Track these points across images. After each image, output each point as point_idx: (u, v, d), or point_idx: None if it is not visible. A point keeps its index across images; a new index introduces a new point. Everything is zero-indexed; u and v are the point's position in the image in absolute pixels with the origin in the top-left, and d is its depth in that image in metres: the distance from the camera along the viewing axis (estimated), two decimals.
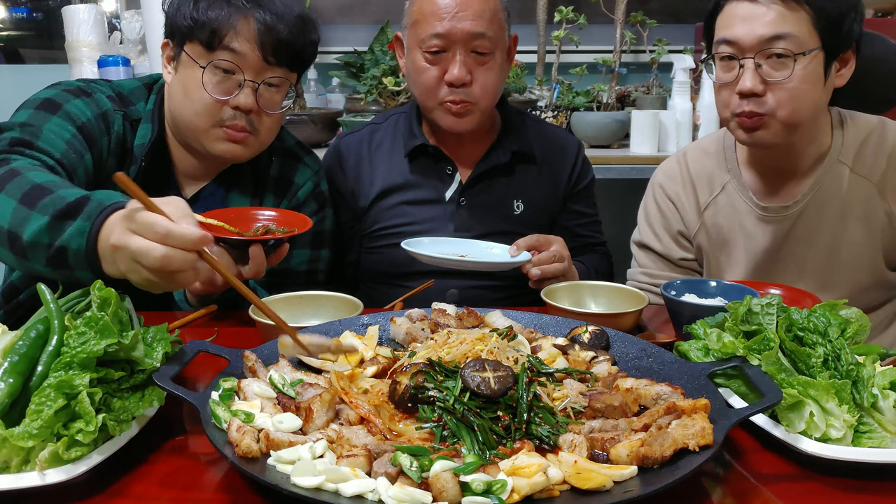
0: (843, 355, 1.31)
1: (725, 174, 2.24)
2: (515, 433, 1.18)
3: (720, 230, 2.25)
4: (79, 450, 1.10)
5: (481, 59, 2.20)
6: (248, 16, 1.92)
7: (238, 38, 1.92)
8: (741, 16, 1.94)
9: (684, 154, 2.37)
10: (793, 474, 1.20)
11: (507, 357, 1.36)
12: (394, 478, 1.06)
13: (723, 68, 2.01)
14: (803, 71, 1.91)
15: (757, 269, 2.20)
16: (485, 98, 2.24)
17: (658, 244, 2.35)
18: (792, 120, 1.95)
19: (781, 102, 1.93)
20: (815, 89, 1.95)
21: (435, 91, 2.23)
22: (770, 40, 1.90)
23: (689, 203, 2.29)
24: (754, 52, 1.92)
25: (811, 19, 1.90)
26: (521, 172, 2.43)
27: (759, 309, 1.43)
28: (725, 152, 2.26)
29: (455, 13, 2.14)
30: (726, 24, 1.97)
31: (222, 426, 1.16)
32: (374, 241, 2.40)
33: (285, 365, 1.40)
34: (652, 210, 2.39)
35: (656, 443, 1.12)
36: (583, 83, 4.00)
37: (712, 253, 2.28)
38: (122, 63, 3.77)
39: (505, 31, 2.25)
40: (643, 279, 2.36)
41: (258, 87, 1.97)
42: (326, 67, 4.48)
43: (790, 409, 1.23)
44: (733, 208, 2.22)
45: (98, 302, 1.27)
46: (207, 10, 1.91)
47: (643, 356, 1.50)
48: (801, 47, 1.89)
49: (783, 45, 1.89)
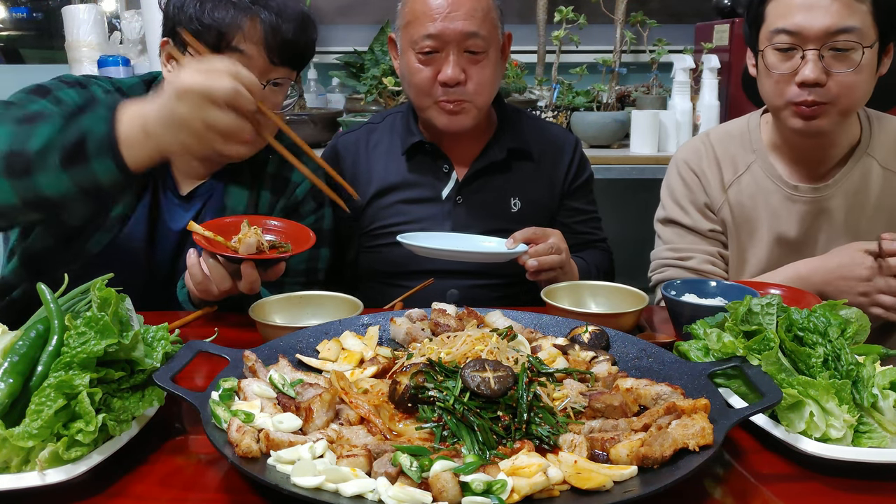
0: (844, 355, 1.31)
1: (751, 154, 2.24)
2: (515, 433, 1.17)
3: (744, 208, 2.24)
4: (79, 450, 1.10)
5: (475, 57, 2.20)
6: (253, 17, 1.92)
7: (245, 40, 1.91)
8: (802, 4, 1.93)
9: (707, 135, 2.36)
10: (793, 474, 1.20)
11: (507, 357, 1.36)
12: (394, 478, 1.06)
13: (780, 58, 1.99)
14: (866, 63, 1.92)
15: (780, 249, 2.20)
16: (480, 96, 2.24)
17: (686, 217, 2.33)
18: (850, 108, 1.98)
19: (843, 92, 1.94)
20: (871, 80, 1.98)
21: (429, 91, 2.23)
22: (836, 33, 1.90)
23: (714, 178, 2.28)
24: (818, 44, 1.91)
25: (872, 11, 1.91)
26: (518, 170, 2.43)
27: (759, 309, 1.42)
28: (751, 134, 2.26)
29: (447, 13, 2.14)
30: (784, 12, 1.96)
31: (222, 426, 1.16)
32: (371, 239, 2.41)
33: (285, 365, 1.40)
34: (676, 185, 2.36)
35: (656, 443, 1.11)
36: (583, 83, 4.00)
37: (736, 230, 2.28)
38: (122, 63, 3.77)
39: (498, 30, 2.25)
40: (668, 255, 2.32)
41: (263, 87, 1.97)
42: (326, 67, 4.48)
43: (790, 409, 1.23)
44: (758, 187, 2.22)
45: (98, 302, 1.27)
46: (213, 10, 1.90)
47: (643, 356, 1.50)
48: (866, 40, 1.91)
49: (850, 38, 1.90)
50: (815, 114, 1.98)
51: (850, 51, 1.91)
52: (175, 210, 2.12)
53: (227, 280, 1.82)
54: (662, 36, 3.95)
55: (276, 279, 1.89)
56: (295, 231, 2.00)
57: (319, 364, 1.48)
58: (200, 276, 1.83)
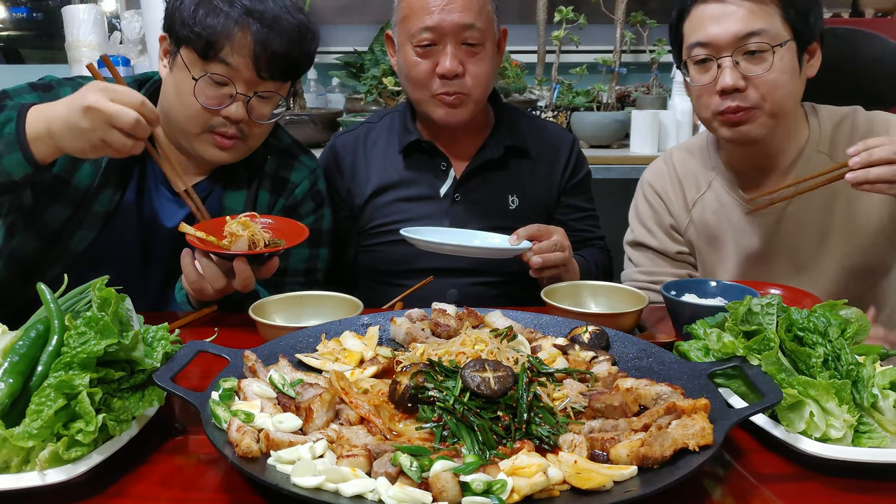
0: (844, 355, 1.31)
1: (710, 171, 2.27)
2: (515, 433, 1.18)
3: (709, 227, 2.26)
4: (79, 450, 1.10)
5: (472, 50, 2.21)
6: (244, 29, 1.91)
7: (233, 52, 1.91)
8: (712, 16, 1.97)
9: (670, 155, 2.40)
10: (793, 474, 1.20)
11: (507, 357, 1.36)
12: (394, 478, 1.06)
13: (699, 71, 2.03)
14: (781, 62, 1.95)
15: (748, 263, 2.21)
16: (477, 89, 2.25)
17: (653, 240, 2.36)
18: (777, 110, 1.99)
19: (765, 94, 1.96)
20: (793, 79, 1.99)
21: (427, 84, 2.24)
22: (745, 37, 1.93)
23: (678, 199, 2.31)
24: (731, 51, 1.95)
25: (780, 13, 1.95)
26: (516, 167, 2.43)
27: (759, 309, 1.42)
28: (709, 151, 2.28)
29: (443, 6, 2.15)
30: (696, 26, 2.00)
31: (222, 426, 1.16)
32: (370, 238, 2.41)
33: (285, 365, 1.40)
34: (642, 207, 2.40)
35: (656, 443, 1.12)
36: (583, 83, 4.00)
37: (703, 249, 2.29)
38: (122, 63, 3.78)
39: (494, 23, 2.26)
40: (641, 278, 2.35)
41: (249, 99, 1.97)
42: (326, 67, 4.48)
43: (790, 409, 1.23)
44: (720, 204, 2.23)
45: (98, 302, 1.27)
46: (206, 18, 1.90)
47: (643, 356, 1.50)
48: (776, 39, 1.94)
49: (759, 40, 1.93)
50: (741, 120, 2.00)
51: (763, 52, 1.94)
52: (169, 207, 2.12)
53: (222, 278, 1.83)
54: (662, 36, 3.96)
55: (270, 276, 1.89)
56: (287, 226, 2.00)
57: (319, 364, 1.48)
58: (195, 275, 1.85)
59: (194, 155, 2.07)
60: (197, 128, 1.98)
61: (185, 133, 2.01)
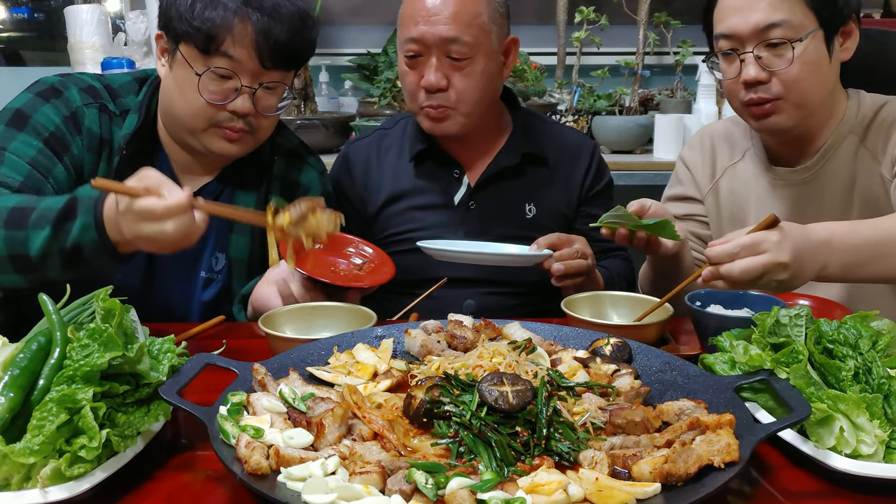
0: (875, 368, 1.29)
1: (748, 142, 2.28)
2: (534, 449, 1.17)
3: (735, 195, 2.27)
4: (82, 466, 1.09)
5: (458, 64, 2.17)
6: (244, 19, 1.89)
7: (235, 44, 1.89)
8: (734, 7, 1.97)
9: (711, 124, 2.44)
10: (822, 492, 1.18)
11: (525, 370, 1.35)
12: (408, 495, 1.05)
13: (726, 62, 2.04)
14: (803, 55, 1.93)
15: None
16: (464, 104, 2.21)
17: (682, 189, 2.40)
18: (802, 101, 1.98)
19: (788, 87, 1.95)
20: (820, 69, 1.97)
21: (416, 95, 2.23)
22: (765, 30, 1.92)
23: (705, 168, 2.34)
24: (752, 44, 1.95)
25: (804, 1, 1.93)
26: (533, 175, 2.40)
27: (787, 320, 1.40)
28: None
29: (429, 17, 2.13)
30: (721, 17, 2.01)
31: (231, 442, 1.15)
32: (384, 247, 2.37)
33: (296, 378, 1.39)
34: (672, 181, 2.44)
35: (680, 459, 1.10)
36: (604, 86, 3.97)
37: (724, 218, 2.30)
38: (126, 65, 3.74)
39: (490, 34, 2.20)
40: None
41: (255, 91, 1.95)
42: (338, 70, 4.48)
43: (819, 424, 1.21)
44: (751, 174, 2.25)
45: (102, 313, 1.26)
46: (204, 11, 1.88)
47: (667, 369, 1.48)
48: (797, 32, 1.92)
49: (779, 33, 1.92)
50: (767, 112, 2.00)
51: (784, 45, 1.93)
52: None
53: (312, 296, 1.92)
54: (687, 37, 3.94)
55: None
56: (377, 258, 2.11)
57: (331, 377, 1.46)
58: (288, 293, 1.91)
59: (201, 153, 2.06)
60: (202, 124, 1.97)
61: (190, 130, 2.00)
